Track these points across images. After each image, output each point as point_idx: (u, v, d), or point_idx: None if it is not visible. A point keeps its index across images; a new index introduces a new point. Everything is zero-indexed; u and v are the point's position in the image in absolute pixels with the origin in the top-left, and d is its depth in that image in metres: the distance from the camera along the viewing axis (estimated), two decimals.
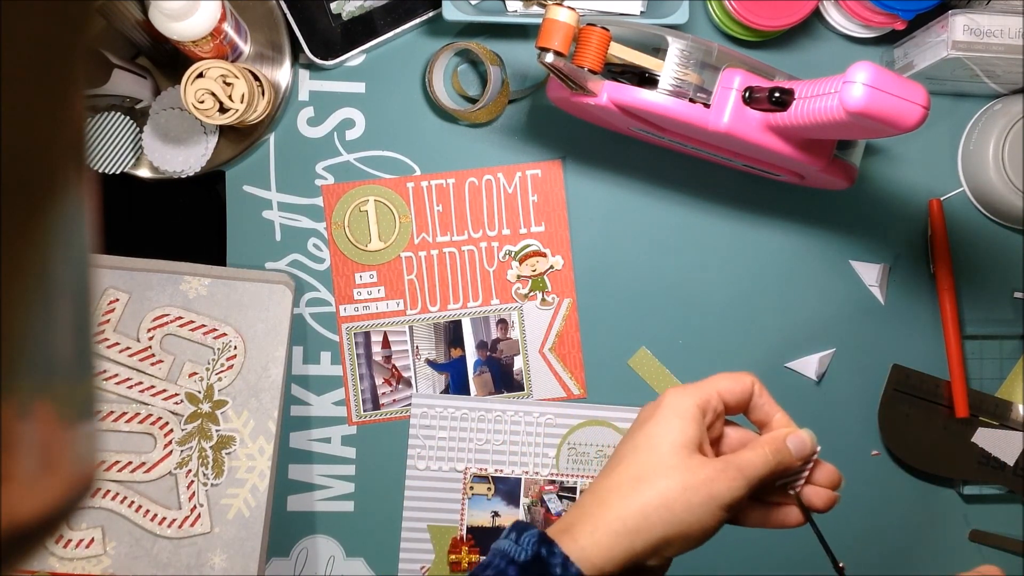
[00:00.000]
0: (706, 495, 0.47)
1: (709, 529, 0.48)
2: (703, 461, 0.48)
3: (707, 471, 0.48)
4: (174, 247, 0.76)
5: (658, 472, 0.48)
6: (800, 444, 0.51)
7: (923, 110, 0.53)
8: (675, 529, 0.47)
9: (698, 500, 0.47)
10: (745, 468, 0.48)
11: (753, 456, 0.49)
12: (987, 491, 0.79)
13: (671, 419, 0.49)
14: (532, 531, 0.47)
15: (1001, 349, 0.79)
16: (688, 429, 0.49)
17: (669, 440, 0.49)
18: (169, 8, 0.62)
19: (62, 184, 0.22)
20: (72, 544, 0.70)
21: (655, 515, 0.47)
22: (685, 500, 0.47)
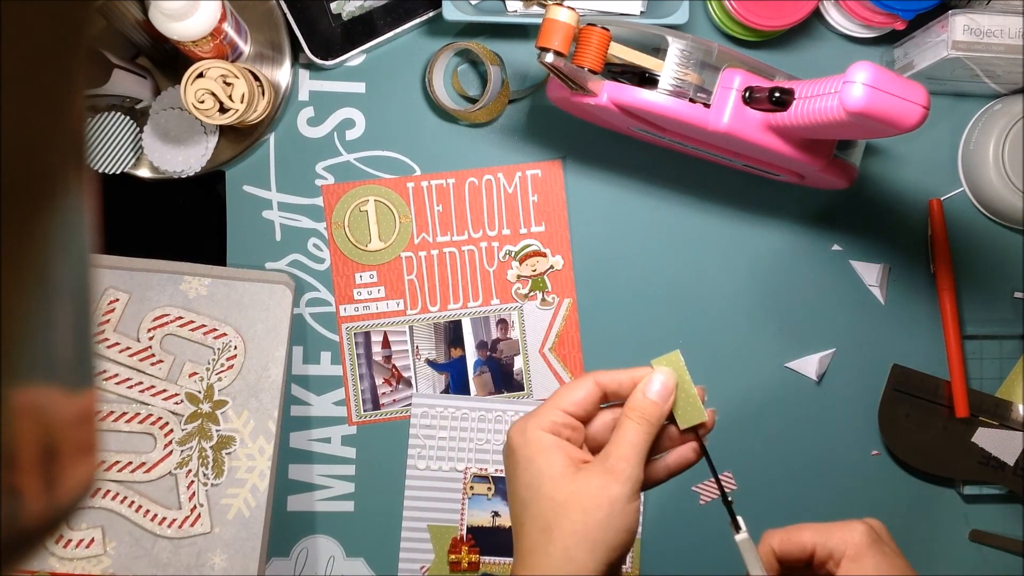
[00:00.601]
0: (608, 504, 0.46)
1: (632, 527, 0.47)
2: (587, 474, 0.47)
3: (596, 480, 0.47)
4: (174, 247, 0.76)
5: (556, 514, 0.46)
6: (658, 387, 0.49)
7: (923, 110, 0.53)
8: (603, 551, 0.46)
9: (604, 514, 0.46)
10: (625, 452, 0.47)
11: (624, 434, 0.48)
12: (987, 491, 0.79)
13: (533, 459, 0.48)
14: None
15: (1001, 349, 0.79)
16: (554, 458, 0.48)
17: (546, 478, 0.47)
18: (169, 8, 0.62)
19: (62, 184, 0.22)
20: (72, 544, 0.70)
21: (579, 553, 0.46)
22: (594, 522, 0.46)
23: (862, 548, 0.48)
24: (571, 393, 0.50)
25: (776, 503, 0.79)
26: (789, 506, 0.79)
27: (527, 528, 0.48)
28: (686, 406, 0.50)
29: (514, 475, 0.49)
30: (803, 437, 0.79)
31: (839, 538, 0.48)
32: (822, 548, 0.49)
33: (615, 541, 0.46)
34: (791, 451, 0.79)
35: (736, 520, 0.49)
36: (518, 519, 0.49)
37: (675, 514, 0.78)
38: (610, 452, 0.48)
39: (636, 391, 0.50)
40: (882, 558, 0.48)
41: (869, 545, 0.48)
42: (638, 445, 0.48)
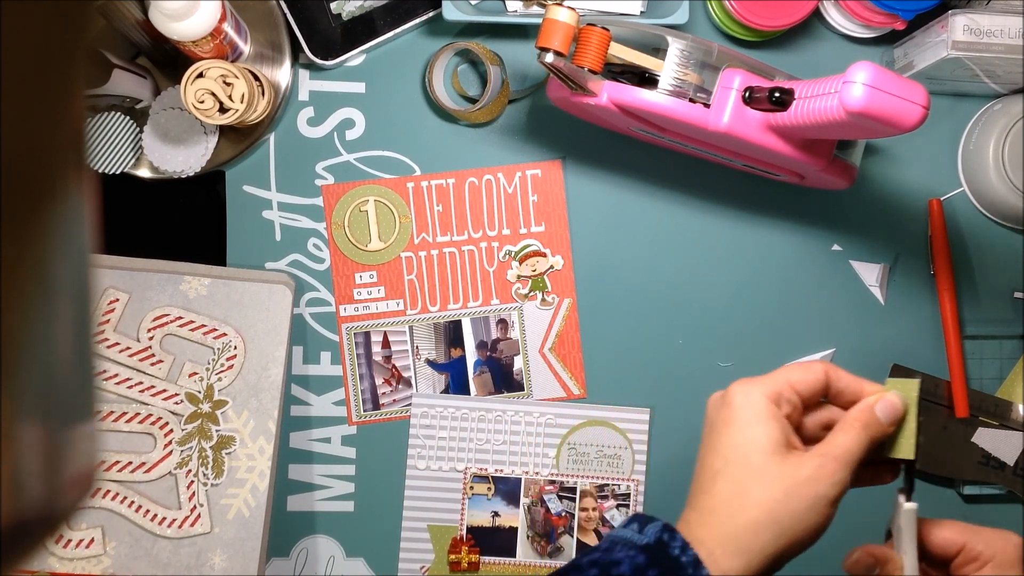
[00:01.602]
0: (811, 498, 0.45)
1: (821, 529, 0.46)
2: (799, 461, 0.46)
3: (806, 471, 0.46)
4: (174, 247, 0.76)
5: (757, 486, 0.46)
6: (890, 409, 0.48)
7: (923, 110, 0.53)
8: (787, 539, 0.45)
9: (805, 506, 0.45)
10: (842, 456, 0.46)
11: (846, 440, 0.47)
12: (987, 491, 0.79)
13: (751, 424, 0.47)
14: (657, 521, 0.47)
15: (1001, 349, 0.79)
16: (772, 431, 0.47)
17: (758, 448, 0.46)
18: (169, 8, 0.62)
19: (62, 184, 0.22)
20: (72, 544, 0.70)
21: (765, 531, 0.45)
22: (791, 509, 0.45)
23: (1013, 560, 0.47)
24: (801, 372, 0.49)
25: None
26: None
27: (720, 485, 0.47)
28: (901, 436, 0.50)
29: (723, 430, 0.48)
30: None
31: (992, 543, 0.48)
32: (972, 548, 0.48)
33: (801, 535, 0.46)
34: None
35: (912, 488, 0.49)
36: (711, 473, 0.48)
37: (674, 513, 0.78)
38: (827, 451, 0.47)
39: (865, 402, 0.49)
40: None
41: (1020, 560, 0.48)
42: (855, 453, 0.47)
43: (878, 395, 0.49)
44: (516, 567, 0.77)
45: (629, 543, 0.46)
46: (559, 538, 0.77)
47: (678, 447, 0.78)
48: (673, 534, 0.46)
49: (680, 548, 0.45)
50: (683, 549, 0.45)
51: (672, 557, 0.45)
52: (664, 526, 0.46)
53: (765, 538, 0.45)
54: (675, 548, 0.45)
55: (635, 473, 0.77)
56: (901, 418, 0.49)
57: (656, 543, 0.46)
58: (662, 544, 0.45)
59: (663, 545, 0.45)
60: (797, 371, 0.49)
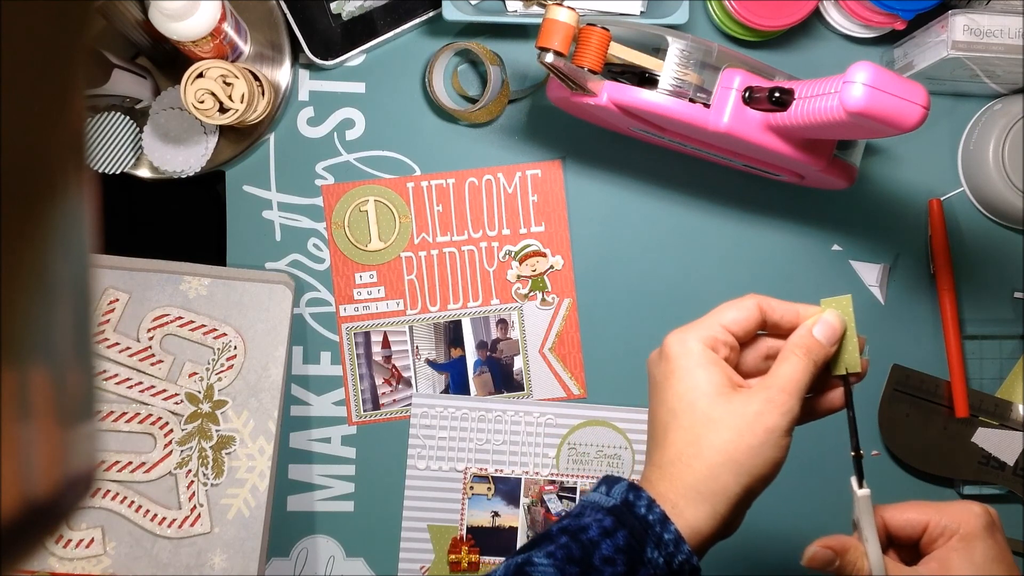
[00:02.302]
0: (764, 432, 0.46)
1: (779, 462, 0.47)
2: (745, 398, 0.46)
3: (754, 407, 0.46)
4: (174, 247, 0.76)
5: (708, 431, 0.46)
6: (828, 329, 0.48)
7: (923, 110, 0.53)
8: (748, 478, 0.46)
9: (759, 441, 0.45)
10: (787, 385, 0.46)
11: (788, 368, 0.47)
12: (987, 491, 0.79)
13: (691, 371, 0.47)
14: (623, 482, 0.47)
15: (1001, 349, 0.79)
16: (712, 374, 0.47)
17: (702, 393, 0.47)
18: (169, 8, 0.62)
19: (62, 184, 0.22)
20: (72, 544, 0.70)
21: (724, 473, 0.45)
22: (745, 447, 0.45)
23: (977, 530, 0.48)
24: (733, 311, 0.49)
25: (776, 502, 0.78)
26: (789, 505, 0.79)
27: (672, 437, 0.47)
28: (844, 352, 0.50)
29: (666, 383, 0.48)
30: (803, 436, 0.79)
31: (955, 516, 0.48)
32: (936, 524, 0.48)
33: (761, 471, 0.46)
34: (791, 450, 0.78)
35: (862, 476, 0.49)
36: (662, 427, 0.48)
37: None
38: (771, 383, 0.47)
39: (803, 327, 0.49)
40: (992, 543, 0.47)
41: (984, 527, 0.48)
42: (800, 381, 0.47)
43: (814, 317, 0.49)
44: None
45: (596, 506, 0.47)
46: None
47: None
48: (638, 492, 0.46)
49: (646, 506, 0.45)
50: (649, 507, 0.45)
51: (639, 516, 0.45)
52: (629, 485, 0.47)
53: (725, 480, 0.46)
54: (641, 507, 0.45)
55: (635, 473, 0.77)
56: (841, 336, 0.49)
57: (623, 503, 0.46)
58: (628, 504, 0.46)
59: (629, 505, 0.46)
60: (730, 310, 0.50)
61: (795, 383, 0.47)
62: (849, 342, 0.50)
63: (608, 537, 0.45)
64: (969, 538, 0.47)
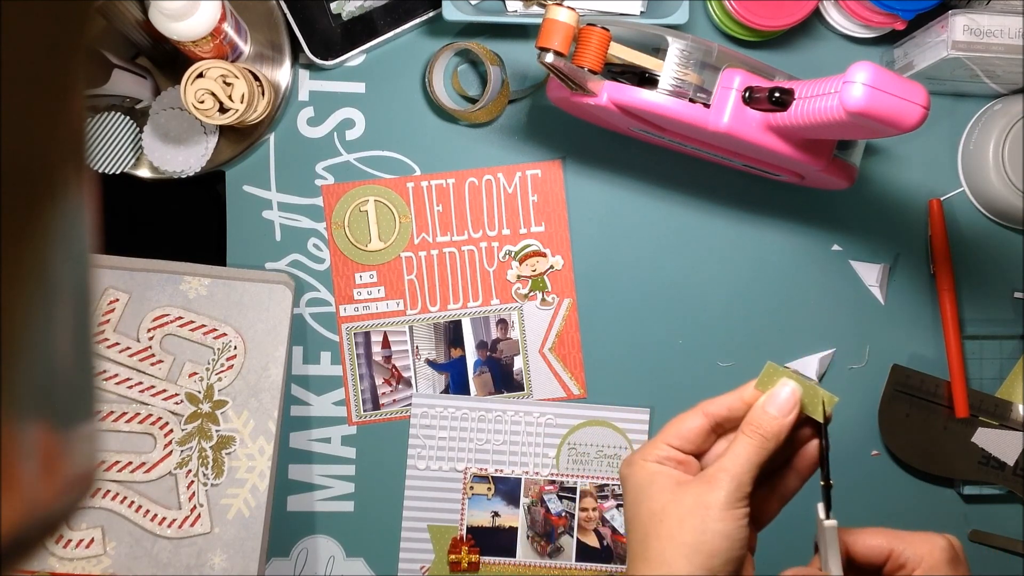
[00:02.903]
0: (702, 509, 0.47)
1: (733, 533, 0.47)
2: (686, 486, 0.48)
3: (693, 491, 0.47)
4: (174, 247, 0.76)
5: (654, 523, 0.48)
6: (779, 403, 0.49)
7: (923, 110, 0.53)
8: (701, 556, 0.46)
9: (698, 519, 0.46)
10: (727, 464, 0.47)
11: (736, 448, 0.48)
12: (987, 491, 0.79)
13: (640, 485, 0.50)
14: None
15: (1001, 349, 0.79)
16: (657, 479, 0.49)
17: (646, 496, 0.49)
18: (169, 8, 0.62)
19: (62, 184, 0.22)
20: (72, 544, 0.70)
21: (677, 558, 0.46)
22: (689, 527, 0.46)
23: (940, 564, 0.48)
24: (677, 426, 0.51)
25: None
26: (788, 505, 0.79)
27: (630, 539, 0.50)
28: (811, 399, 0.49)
29: (625, 502, 0.51)
30: None
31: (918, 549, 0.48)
32: (898, 555, 0.49)
33: (713, 547, 0.46)
34: None
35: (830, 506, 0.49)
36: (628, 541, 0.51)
37: None
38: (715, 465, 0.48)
39: (757, 407, 0.49)
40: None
41: (947, 562, 0.48)
42: (745, 457, 0.48)
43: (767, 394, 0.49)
44: (516, 567, 0.77)
45: None
46: (559, 538, 0.77)
47: None
48: None
49: None
50: None
51: None
52: None
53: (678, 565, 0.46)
54: None
55: None
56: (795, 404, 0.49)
57: None
58: None
59: None
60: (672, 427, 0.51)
61: (737, 459, 0.48)
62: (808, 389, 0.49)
63: None
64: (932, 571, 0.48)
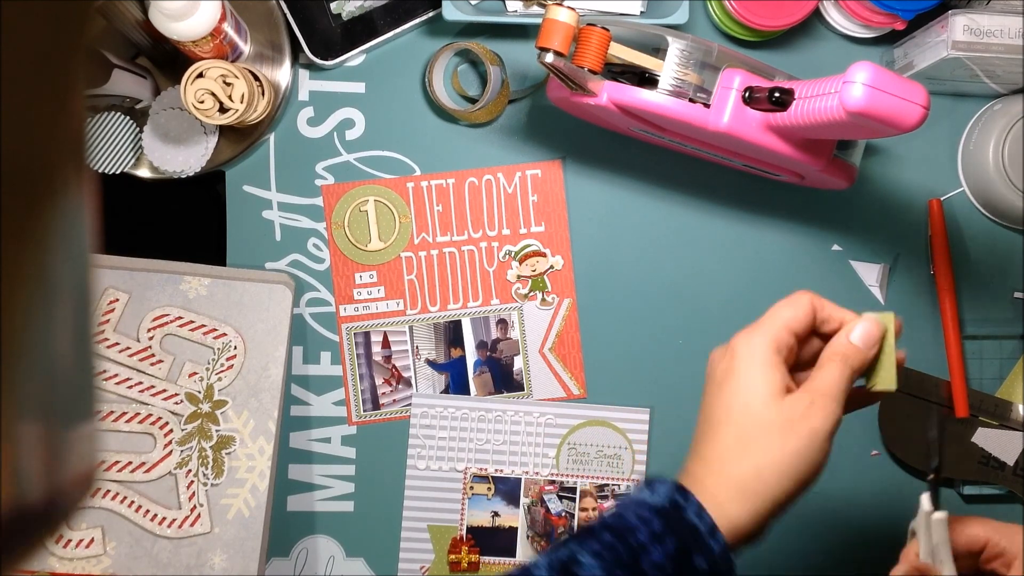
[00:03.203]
0: (808, 435, 0.46)
1: (821, 464, 0.47)
2: (793, 402, 0.47)
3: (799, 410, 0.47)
4: (174, 247, 0.76)
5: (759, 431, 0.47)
6: (866, 335, 0.49)
7: (923, 110, 0.53)
8: (791, 481, 0.46)
9: (803, 444, 0.46)
10: (828, 390, 0.47)
11: (829, 374, 0.48)
12: (987, 491, 0.79)
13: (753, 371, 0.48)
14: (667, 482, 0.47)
15: (1001, 349, 0.79)
16: (773, 378, 0.48)
17: (759, 395, 0.47)
18: (169, 8, 0.62)
19: (62, 184, 0.22)
20: (72, 544, 0.70)
21: (771, 476, 0.46)
22: (792, 449, 0.46)
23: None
24: (793, 310, 0.50)
25: None
26: None
27: (722, 433, 0.48)
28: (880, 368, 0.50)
29: (725, 381, 0.49)
30: None
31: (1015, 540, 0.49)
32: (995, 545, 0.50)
33: (804, 474, 0.47)
34: None
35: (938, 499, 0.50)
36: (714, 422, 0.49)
37: None
38: (815, 387, 0.48)
39: (841, 333, 0.49)
40: None
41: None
42: (838, 385, 0.48)
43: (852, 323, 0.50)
44: None
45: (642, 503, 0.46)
46: (559, 538, 0.77)
47: (678, 447, 0.78)
48: (686, 495, 0.46)
49: (696, 513, 0.45)
50: (699, 513, 0.45)
51: (689, 523, 0.45)
52: (675, 486, 0.47)
53: (770, 481, 0.46)
54: (691, 513, 0.45)
55: (635, 473, 0.77)
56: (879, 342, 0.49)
57: (671, 505, 0.46)
58: (677, 507, 0.46)
59: (678, 508, 0.46)
60: (789, 310, 0.50)
61: (835, 387, 0.48)
62: (887, 358, 0.50)
63: (658, 543, 0.45)
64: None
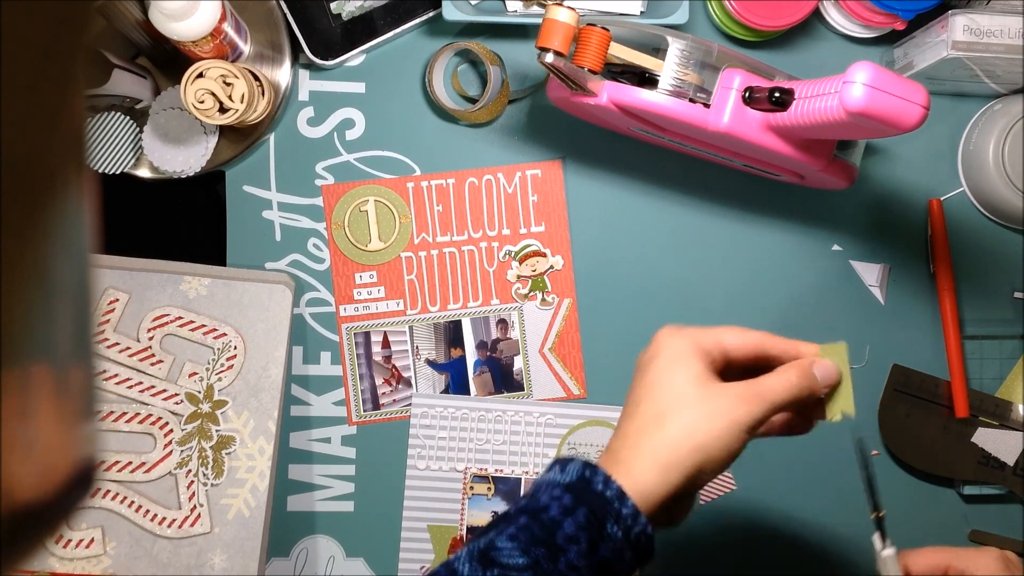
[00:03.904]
0: (729, 421, 0.47)
1: (735, 451, 0.48)
2: (722, 388, 0.48)
3: (726, 398, 0.48)
4: (174, 247, 0.76)
5: (678, 405, 0.48)
6: (825, 371, 0.50)
7: (923, 110, 0.53)
8: (704, 456, 0.47)
9: (721, 426, 0.47)
10: (766, 393, 0.48)
11: (776, 381, 0.49)
12: (987, 491, 0.79)
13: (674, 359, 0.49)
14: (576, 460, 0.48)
15: (1001, 349, 0.79)
16: (692, 365, 0.49)
17: (682, 375, 0.49)
18: (169, 8, 0.62)
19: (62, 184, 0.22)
20: (72, 544, 0.70)
21: (684, 447, 0.47)
22: (707, 428, 0.47)
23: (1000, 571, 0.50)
24: (735, 336, 0.51)
25: (776, 503, 0.79)
26: (789, 506, 0.79)
27: (642, 409, 0.49)
28: (839, 397, 0.51)
29: (648, 365, 0.50)
30: (803, 437, 0.79)
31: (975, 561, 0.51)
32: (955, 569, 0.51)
33: (716, 454, 0.47)
34: (791, 451, 0.78)
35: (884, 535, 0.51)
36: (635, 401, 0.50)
37: None
38: (751, 384, 0.49)
39: (804, 361, 0.50)
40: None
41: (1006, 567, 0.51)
42: (780, 394, 0.49)
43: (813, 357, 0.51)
44: None
45: (553, 483, 0.48)
46: None
47: None
48: (594, 470, 0.48)
49: (603, 482, 0.47)
50: (606, 483, 0.47)
51: (596, 492, 0.47)
52: (584, 463, 0.48)
53: (680, 453, 0.47)
54: (598, 483, 0.47)
55: None
56: (836, 382, 0.51)
57: (579, 480, 0.47)
58: (584, 480, 0.47)
59: (586, 482, 0.47)
60: (731, 334, 0.51)
61: (774, 393, 0.49)
62: (844, 387, 0.51)
63: (569, 515, 0.46)
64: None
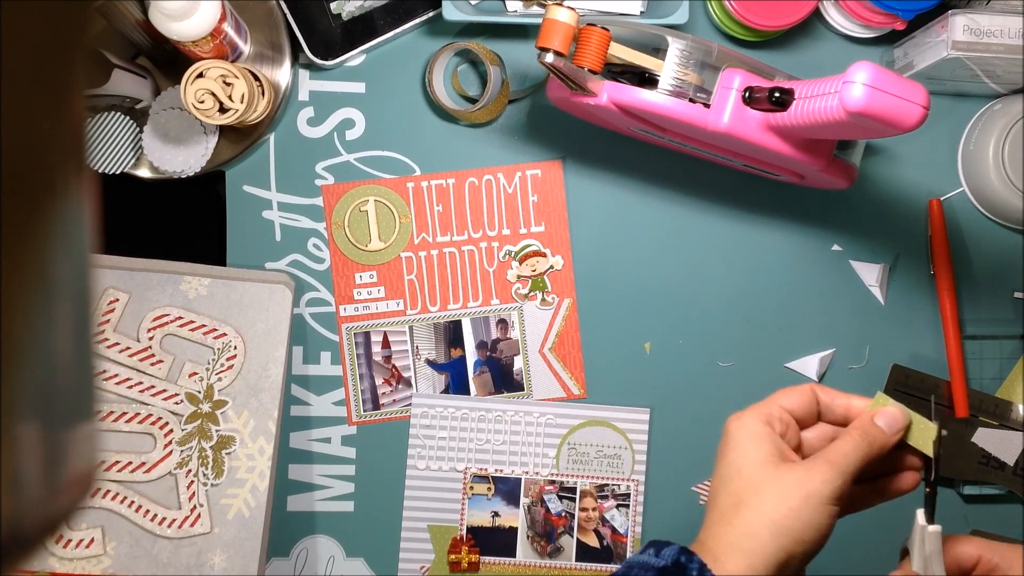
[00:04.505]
0: (804, 495, 0.47)
1: (823, 528, 0.47)
2: (790, 467, 0.48)
3: (796, 473, 0.48)
4: (174, 247, 0.76)
5: (752, 490, 0.48)
6: (891, 420, 0.50)
7: (923, 110, 0.53)
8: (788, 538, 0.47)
9: (797, 504, 0.47)
10: (835, 459, 0.48)
11: (843, 445, 0.49)
12: (987, 491, 0.79)
13: (743, 444, 0.50)
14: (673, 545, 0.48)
15: (1001, 349, 0.79)
16: (764, 445, 0.49)
17: (750, 461, 0.49)
18: (169, 8, 0.62)
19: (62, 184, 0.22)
20: (72, 544, 0.70)
21: (764, 533, 0.47)
22: (785, 508, 0.47)
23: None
24: (789, 394, 0.52)
25: None
26: None
27: (719, 501, 0.49)
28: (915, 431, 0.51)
29: (722, 456, 0.51)
30: None
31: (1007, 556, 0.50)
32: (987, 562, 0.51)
33: (800, 534, 0.47)
34: None
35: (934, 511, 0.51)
36: (714, 493, 0.50)
37: (674, 513, 0.78)
38: (820, 455, 0.49)
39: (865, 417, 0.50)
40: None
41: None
42: (849, 456, 0.48)
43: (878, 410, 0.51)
44: (516, 567, 0.77)
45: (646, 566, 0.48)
46: (559, 538, 0.77)
47: (678, 447, 0.78)
48: (690, 556, 0.47)
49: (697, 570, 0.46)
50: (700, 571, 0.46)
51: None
52: (681, 549, 0.48)
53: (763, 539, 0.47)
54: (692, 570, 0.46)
55: (635, 473, 0.77)
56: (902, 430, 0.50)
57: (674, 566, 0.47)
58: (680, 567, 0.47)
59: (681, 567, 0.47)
60: (785, 394, 0.52)
61: (844, 457, 0.48)
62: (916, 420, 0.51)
63: None
64: None
